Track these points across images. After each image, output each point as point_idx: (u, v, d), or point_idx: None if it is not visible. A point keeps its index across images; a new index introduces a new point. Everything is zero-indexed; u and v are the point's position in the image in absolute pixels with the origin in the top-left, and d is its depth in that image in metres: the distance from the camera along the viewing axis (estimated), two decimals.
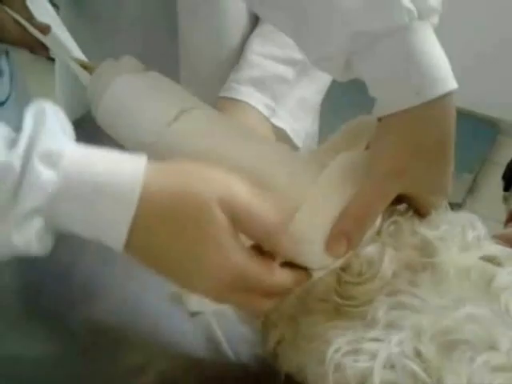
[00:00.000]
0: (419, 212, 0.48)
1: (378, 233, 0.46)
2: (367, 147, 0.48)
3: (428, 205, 0.48)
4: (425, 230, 0.46)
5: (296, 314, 0.46)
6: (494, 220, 0.61)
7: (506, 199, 0.73)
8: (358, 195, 0.44)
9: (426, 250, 0.45)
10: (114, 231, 0.39)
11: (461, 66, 1.96)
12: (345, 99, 1.69)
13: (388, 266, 0.44)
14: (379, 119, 0.46)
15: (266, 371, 0.48)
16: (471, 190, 1.74)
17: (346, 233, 0.43)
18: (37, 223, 0.38)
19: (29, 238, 0.38)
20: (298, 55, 0.69)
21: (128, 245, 0.39)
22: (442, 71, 0.44)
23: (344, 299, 0.45)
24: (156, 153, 0.49)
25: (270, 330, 0.47)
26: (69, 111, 0.78)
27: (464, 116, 1.93)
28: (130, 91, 0.49)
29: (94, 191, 0.38)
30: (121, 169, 0.39)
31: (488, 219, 0.62)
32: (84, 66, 0.54)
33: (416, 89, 0.43)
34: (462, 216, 0.49)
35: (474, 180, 1.75)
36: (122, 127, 0.50)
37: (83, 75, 0.53)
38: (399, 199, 0.47)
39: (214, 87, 0.67)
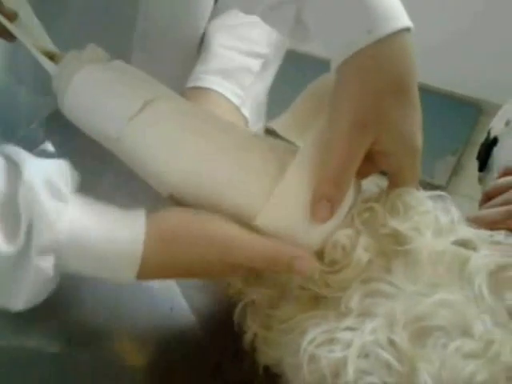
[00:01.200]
0: (396, 182, 0.47)
1: (352, 220, 0.46)
2: None
3: (403, 170, 0.46)
4: (396, 223, 0.45)
5: (272, 306, 0.46)
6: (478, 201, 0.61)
7: (481, 180, 0.73)
8: (330, 157, 0.44)
9: (400, 238, 0.45)
10: (120, 281, 0.43)
11: (441, 47, 1.97)
12: None
13: (363, 253, 0.44)
14: (336, 73, 0.45)
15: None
16: (455, 172, 1.74)
17: (326, 196, 0.44)
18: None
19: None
20: (261, 49, 0.69)
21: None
22: (395, 10, 0.43)
23: (319, 288, 0.44)
24: (121, 148, 0.48)
25: (246, 323, 0.46)
26: (42, 104, 0.77)
27: (446, 97, 1.95)
28: (93, 85, 0.48)
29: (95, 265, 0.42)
30: (118, 245, 0.41)
31: (473, 200, 0.61)
32: (51, 56, 0.53)
33: (367, 27, 0.42)
34: (436, 199, 0.49)
35: (458, 161, 1.76)
36: (87, 122, 0.49)
37: (49, 66, 0.52)
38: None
39: (173, 72, 0.67)
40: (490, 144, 0.71)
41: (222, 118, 0.52)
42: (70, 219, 0.40)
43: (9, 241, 0.39)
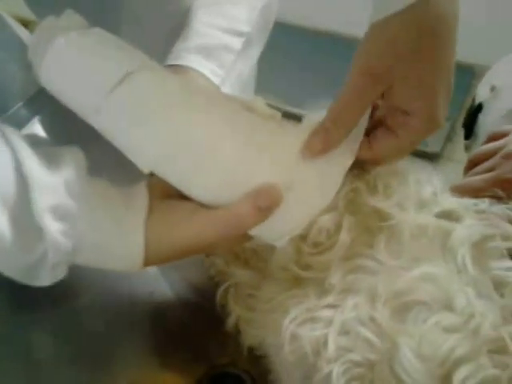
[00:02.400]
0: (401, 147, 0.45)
1: (337, 202, 0.45)
2: None
3: (411, 134, 0.44)
4: (377, 201, 0.44)
5: (254, 286, 0.46)
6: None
7: (467, 148, 0.72)
8: (339, 96, 0.44)
9: (382, 215, 0.44)
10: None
11: None
12: None
13: (346, 234, 0.43)
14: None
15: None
16: (449, 138, 1.73)
17: (324, 128, 0.44)
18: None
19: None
20: (243, 27, 0.69)
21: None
22: None
23: (302, 269, 0.44)
24: (101, 122, 0.47)
25: (229, 306, 0.46)
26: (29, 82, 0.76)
27: None
28: (70, 55, 0.46)
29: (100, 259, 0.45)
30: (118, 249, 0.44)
31: None
32: (25, 24, 0.51)
33: None
34: (418, 171, 0.48)
35: (452, 128, 1.74)
36: (65, 94, 0.47)
37: (24, 34, 0.50)
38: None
39: (157, 48, 0.66)
40: (475, 111, 0.70)
41: (207, 90, 0.50)
42: (80, 235, 0.42)
43: (26, 251, 0.41)
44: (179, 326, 0.50)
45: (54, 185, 0.42)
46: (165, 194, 0.46)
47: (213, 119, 0.45)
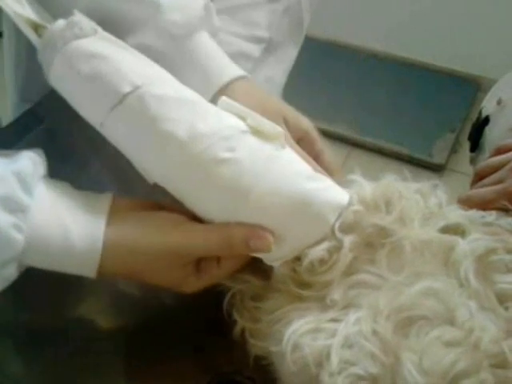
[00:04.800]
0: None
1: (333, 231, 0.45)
2: None
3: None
4: (379, 219, 0.44)
5: (258, 298, 0.46)
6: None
7: (472, 160, 0.71)
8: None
9: (384, 232, 0.44)
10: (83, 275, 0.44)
11: (439, 24, 1.95)
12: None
13: (347, 254, 0.43)
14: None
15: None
16: (454, 150, 1.73)
17: None
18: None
19: None
20: (262, 33, 0.67)
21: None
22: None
23: (302, 287, 0.44)
24: (106, 133, 0.47)
25: (234, 318, 0.46)
26: (26, 93, 0.75)
27: (444, 74, 1.93)
28: (75, 67, 0.46)
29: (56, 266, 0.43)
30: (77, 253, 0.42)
31: None
32: (36, 28, 0.50)
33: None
34: (423, 183, 0.48)
35: (457, 139, 1.74)
36: (72, 100, 0.48)
37: (34, 38, 0.50)
38: None
39: None
40: (481, 124, 0.70)
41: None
42: (30, 229, 0.41)
43: None
44: (185, 333, 0.50)
45: (4, 174, 0.41)
46: (147, 207, 0.47)
47: (216, 136, 0.45)
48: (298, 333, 0.40)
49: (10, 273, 0.42)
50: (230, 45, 0.65)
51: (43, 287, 0.49)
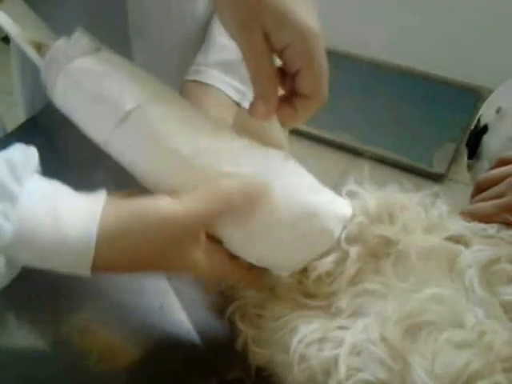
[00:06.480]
0: (307, 78, 0.46)
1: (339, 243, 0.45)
2: None
3: (306, 58, 0.45)
4: (383, 229, 0.44)
5: (261, 306, 0.46)
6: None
7: (470, 167, 0.72)
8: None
9: (389, 242, 0.44)
10: (76, 272, 0.42)
11: (441, 34, 1.96)
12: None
13: (352, 265, 0.43)
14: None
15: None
16: (454, 159, 1.73)
17: (256, 95, 0.46)
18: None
19: None
20: None
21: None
22: None
23: (307, 297, 0.44)
24: (109, 150, 0.47)
25: (237, 328, 0.46)
26: (34, 100, 0.75)
27: (444, 84, 1.94)
28: (78, 86, 0.47)
29: (46, 262, 0.41)
30: (69, 245, 0.40)
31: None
32: (38, 47, 0.50)
33: None
34: (423, 194, 0.48)
35: (457, 149, 1.75)
36: (76, 119, 0.48)
37: (36, 58, 0.50)
38: None
39: (170, 68, 0.65)
40: (479, 132, 0.70)
41: (218, 120, 0.50)
42: (19, 218, 0.39)
43: None
44: (188, 341, 0.50)
45: None
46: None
47: (219, 151, 0.46)
48: (305, 343, 0.40)
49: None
50: (232, 49, 0.63)
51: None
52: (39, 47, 0.50)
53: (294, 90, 0.47)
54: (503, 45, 1.79)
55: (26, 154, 0.42)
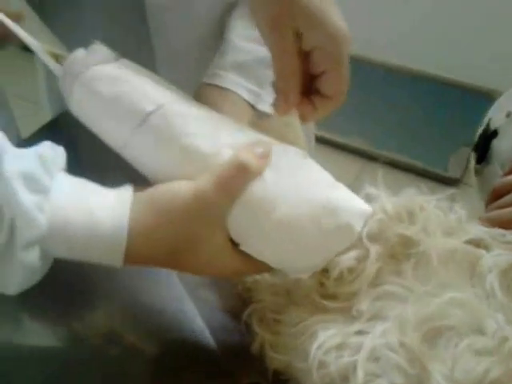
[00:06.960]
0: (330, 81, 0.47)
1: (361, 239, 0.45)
2: None
3: (333, 61, 0.47)
4: (403, 228, 0.44)
5: (279, 311, 0.46)
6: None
7: (478, 172, 0.71)
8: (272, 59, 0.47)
9: (409, 242, 0.44)
10: (108, 263, 0.42)
11: (454, 37, 1.95)
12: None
13: (373, 264, 0.43)
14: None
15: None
16: (469, 164, 1.72)
17: (279, 91, 0.48)
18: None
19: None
20: None
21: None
22: None
23: (327, 299, 0.44)
24: (128, 155, 0.48)
25: (253, 331, 0.46)
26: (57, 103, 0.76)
27: (458, 88, 1.93)
28: (97, 92, 0.47)
29: (81, 253, 0.42)
30: (101, 235, 0.41)
31: (487, 193, 0.60)
32: (56, 57, 0.51)
33: None
34: (440, 199, 0.48)
35: (472, 153, 1.73)
36: (93, 127, 0.49)
37: (55, 68, 0.50)
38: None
39: (190, 64, 0.65)
40: (489, 136, 0.70)
41: (236, 123, 0.50)
42: (52, 210, 0.40)
43: None
44: (204, 345, 0.50)
45: (26, 153, 0.41)
46: None
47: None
48: (324, 349, 0.40)
49: (33, 259, 0.40)
50: (248, 51, 0.65)
51: None
52: (57, 58, 0.51)
53: (313, 87, 0.48)
54: None
55: (55, 151, 0.43)
